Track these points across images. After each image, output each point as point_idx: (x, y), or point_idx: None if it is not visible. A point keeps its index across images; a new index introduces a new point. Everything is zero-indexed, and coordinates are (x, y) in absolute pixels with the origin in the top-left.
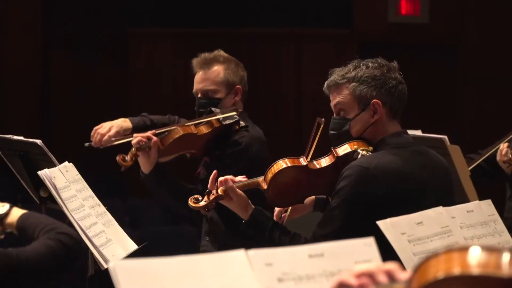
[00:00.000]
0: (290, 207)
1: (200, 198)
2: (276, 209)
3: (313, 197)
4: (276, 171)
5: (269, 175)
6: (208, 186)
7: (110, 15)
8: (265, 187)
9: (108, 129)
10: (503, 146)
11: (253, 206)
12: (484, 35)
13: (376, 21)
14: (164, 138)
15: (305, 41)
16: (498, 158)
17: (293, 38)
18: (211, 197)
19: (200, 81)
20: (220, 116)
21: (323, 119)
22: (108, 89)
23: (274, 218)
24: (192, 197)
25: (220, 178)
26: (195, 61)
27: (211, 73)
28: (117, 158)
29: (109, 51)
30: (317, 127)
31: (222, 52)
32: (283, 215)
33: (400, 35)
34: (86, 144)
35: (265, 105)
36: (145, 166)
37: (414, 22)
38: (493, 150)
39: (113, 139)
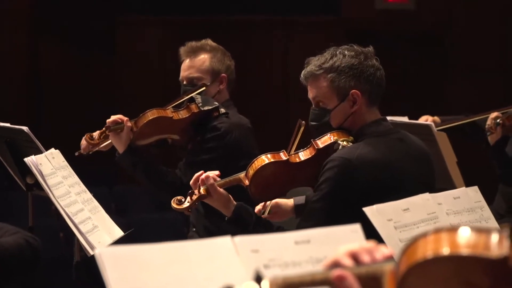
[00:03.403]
0: (270, 210)
1: (183, 200)
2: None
3: (292, 203)
4: (258, 167)
5: (251, 171)
6: (191, 183)
7: (99, 3)
8: (247, 183)
9: None
10: (495, 113)
11: (234, 203)
12: (471, 23)
13: (364, 8)
14: (137, 120)
15: (293, 29)
16: (487, 122)
17: (281, 26)
18: (194, 197)
19: (186, 68)
20: (193, 95)
21: (303, 122)
22: (97, 77)
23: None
24: (175, 199)
25: (201, 176)
26: (182, 50)
27: (197, 61)
28: (84, 136)
29: (98, 39)
30: (298, 129)
31: (209, 41)
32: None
33: (388, 22)
34: None
35: (254, 93)
36: (118, 146)
37: (401, 9)
38: (483, 116)
39: None
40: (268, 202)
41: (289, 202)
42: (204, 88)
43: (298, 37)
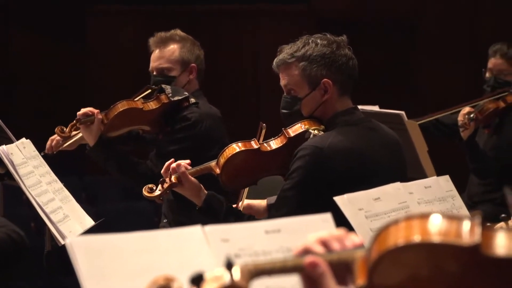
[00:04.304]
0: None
1: (155, 188)
2: None
3: (265, 204)
4: (229, 156)
5: (222, 160)
6: (162, 172)
7: None
8: (218, 171)
9: None
10: (467, 108)
11: (205, 192)
12: (443, 11)
13: None
14: (108, 112)
15: (263, 18)
16: (459, 118)
17: (251, 15)
18: (165, 185)
19: (155, 59)
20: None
21: (264, 124)
22: (67, 68)
23: None
24: (146, 187)
25: (172, 165)
26: (151, 40)
27: (166, 51)
28: (56, 129)
29: (68, 29)
30: (260, 132)
31: (178, 31)
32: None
33: (360, 11)
34: None
35: (223, 82)
36: (88, 139)
37: None
38: (452, 111)
39: None
40: (240, 204)
41: (262, 202)
42: (149, 91)
43: (267, 26)
